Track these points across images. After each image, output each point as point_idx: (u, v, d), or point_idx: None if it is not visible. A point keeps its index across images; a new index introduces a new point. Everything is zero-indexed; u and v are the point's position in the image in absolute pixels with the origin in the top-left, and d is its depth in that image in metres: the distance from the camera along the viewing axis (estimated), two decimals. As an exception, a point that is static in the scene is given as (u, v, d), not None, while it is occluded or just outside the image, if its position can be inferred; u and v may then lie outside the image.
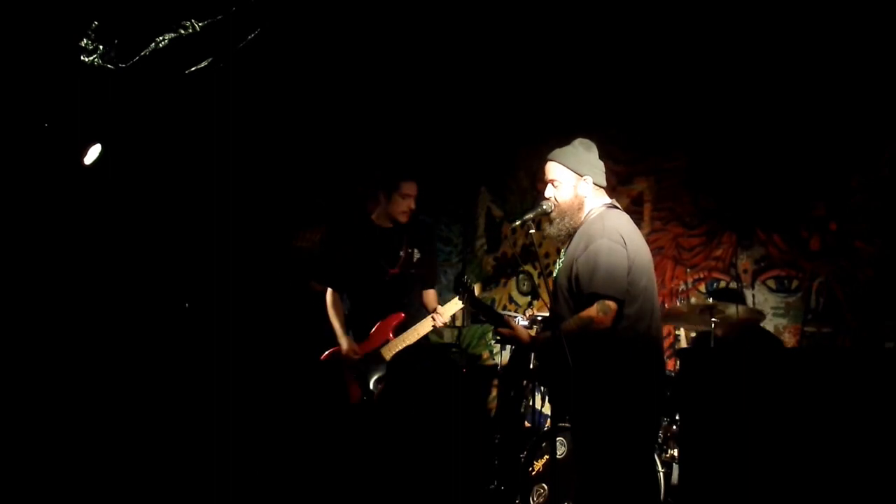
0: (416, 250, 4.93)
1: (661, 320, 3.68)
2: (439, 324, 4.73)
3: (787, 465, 3.90)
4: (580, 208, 3.64)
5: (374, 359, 4.77)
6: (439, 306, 4.79)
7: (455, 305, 4.75)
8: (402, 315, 4.79)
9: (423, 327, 4.76)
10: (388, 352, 4.77)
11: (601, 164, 3.72)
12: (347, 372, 4.76)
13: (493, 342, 5.46)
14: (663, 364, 3.75)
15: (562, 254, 3.71)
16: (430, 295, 4.98)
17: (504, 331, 3.63)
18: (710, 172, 5.87)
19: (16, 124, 4.95)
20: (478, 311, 4.20)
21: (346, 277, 4.89)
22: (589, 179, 3.64)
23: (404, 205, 4.87)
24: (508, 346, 5.45)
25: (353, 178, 6.75)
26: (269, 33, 4.96)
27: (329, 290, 4.92)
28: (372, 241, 4.88)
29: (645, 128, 6.12)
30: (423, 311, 4.87)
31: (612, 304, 3.37)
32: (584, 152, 3.69)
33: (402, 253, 4.88)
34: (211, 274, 5.97)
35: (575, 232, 3.66)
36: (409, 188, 4.88)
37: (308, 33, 5.40)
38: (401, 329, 4.78)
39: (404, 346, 4.75)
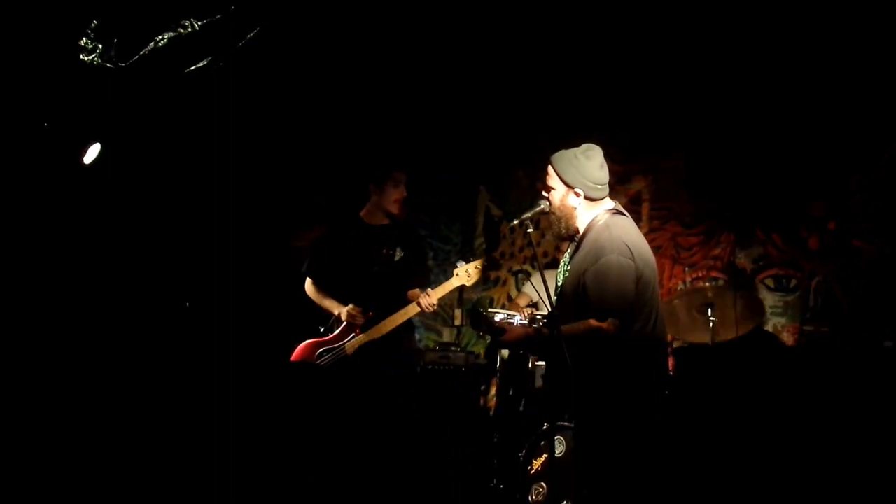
0: (398, 250, 4.88)
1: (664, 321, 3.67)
2: (426, 305, 4.63)
3: (786, 465, 3.92)
4: (571, 217, 3.59)
5: (338, 353, 4.76)
6: (429, 289, 4.70)
7: (444, 289, 4.67)
8: (370, 313, 4.73)
9: (400, 317, 4.69)
10: (351, 347, 4.73)
11: (601, 175, 3.56)
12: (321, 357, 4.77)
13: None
14: (665, 365, 3.75)
15: (566, 256, 3.69)
16: (414, 294, 4.88)
17: (505, 338, 3.59)
18: (708, 172, 5.88)
19: (15, 124, 4.94)
20: (484, 329, 4.14)
21: (329, 272, 4.89)
22: (580, 193, 3.56)
23: (396, 193, 4.83)
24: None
25: (352, 178, 6.74)
26: (269, 33, 4.96)
27: (309, 280, 4.95)
28: (359, 240, 4.87)
29: (644, 127, 6.13)
30: None
31: (619, 320, 3.40)
32: (584, 162, 3.54)
33: (383, 251, 4.86)
34: (211, 273, 5.96)
35: (572, 235, 3.64)
36: (399, 175, 4.86)
37: (308, 33, 5.40)
38: (368, 325, 4.73)
39: (369, 339, 4.71)
